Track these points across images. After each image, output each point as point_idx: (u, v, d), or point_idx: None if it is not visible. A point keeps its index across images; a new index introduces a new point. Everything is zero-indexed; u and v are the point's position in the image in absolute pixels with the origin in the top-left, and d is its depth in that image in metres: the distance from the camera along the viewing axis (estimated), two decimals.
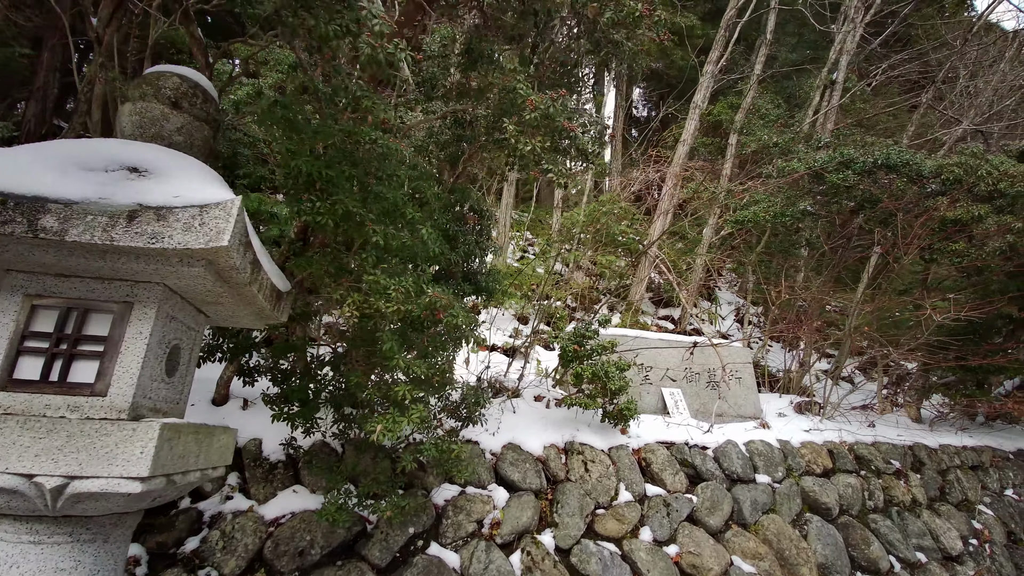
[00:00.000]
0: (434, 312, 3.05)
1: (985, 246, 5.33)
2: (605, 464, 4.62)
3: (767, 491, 4.88)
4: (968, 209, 5.30)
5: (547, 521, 4.22)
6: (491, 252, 4.88)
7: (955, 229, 5.51)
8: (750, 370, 6.89)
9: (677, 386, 6.35)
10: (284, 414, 3.09)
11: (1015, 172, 5.22)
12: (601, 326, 5.05)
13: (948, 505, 5.58)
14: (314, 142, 2.38)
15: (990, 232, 5.28)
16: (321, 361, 3.53)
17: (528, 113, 2.45)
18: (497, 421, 4.80)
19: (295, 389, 3.23)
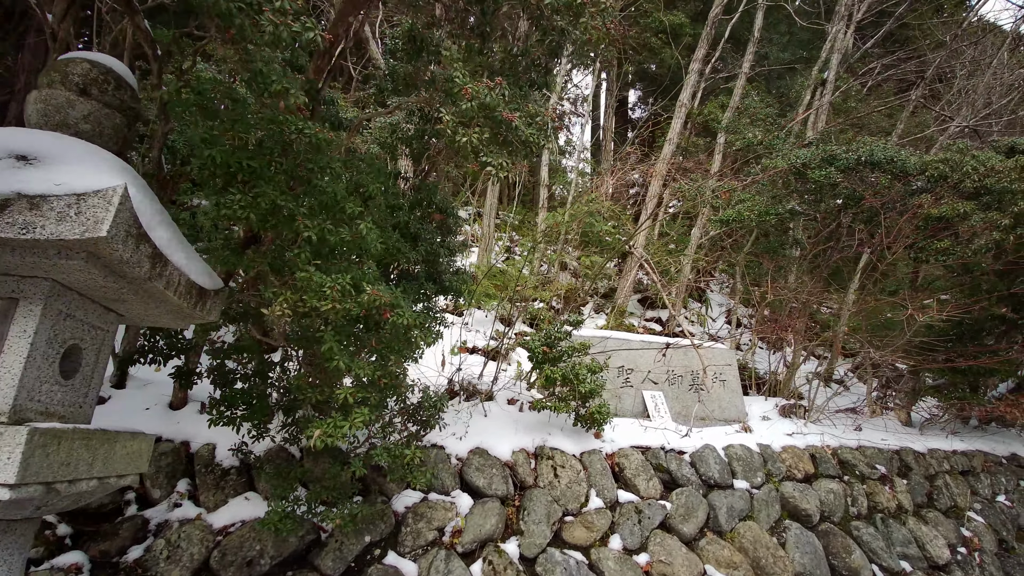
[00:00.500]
0: (380, 311, 2.93)
1: (971, 244, 5.17)
2: (576, 469, 4.48)
3: (745, 497, 4.72)
4: (953, 206, 5.15)
5: (513, 529, 4.08)
6: (459, 251, 4.75)
7: (940, 227, 5.36)
8: (734, 372, 6.73)
9: (659, 389, 6.21)
10: (222, 418, 2.95)
11: (1001, 167, 5.06)
12: (573, 327, 4.90)
13: (936, 512, 5.41)
14: (236, 131, 2.25)
15: (976, 229, 5.12)
16: (269, 363, 3.41)
17: (464, 102, 2.32)
18: (465, 425, 4.67)
19: (239, 392, 3.10)
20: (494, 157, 2.43)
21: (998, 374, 6.22)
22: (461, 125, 2.36)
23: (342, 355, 2.83)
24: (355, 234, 2.69)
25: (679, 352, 6.38)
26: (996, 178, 5.07)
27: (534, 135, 2.50)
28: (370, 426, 3.31)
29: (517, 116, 2.40)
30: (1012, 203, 4.98)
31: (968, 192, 5.35)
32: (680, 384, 6.33)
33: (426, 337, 3.04)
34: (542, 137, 2.54)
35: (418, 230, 4.14)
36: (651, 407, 5.96)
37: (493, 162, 2.43)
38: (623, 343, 5.91)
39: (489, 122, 2.37)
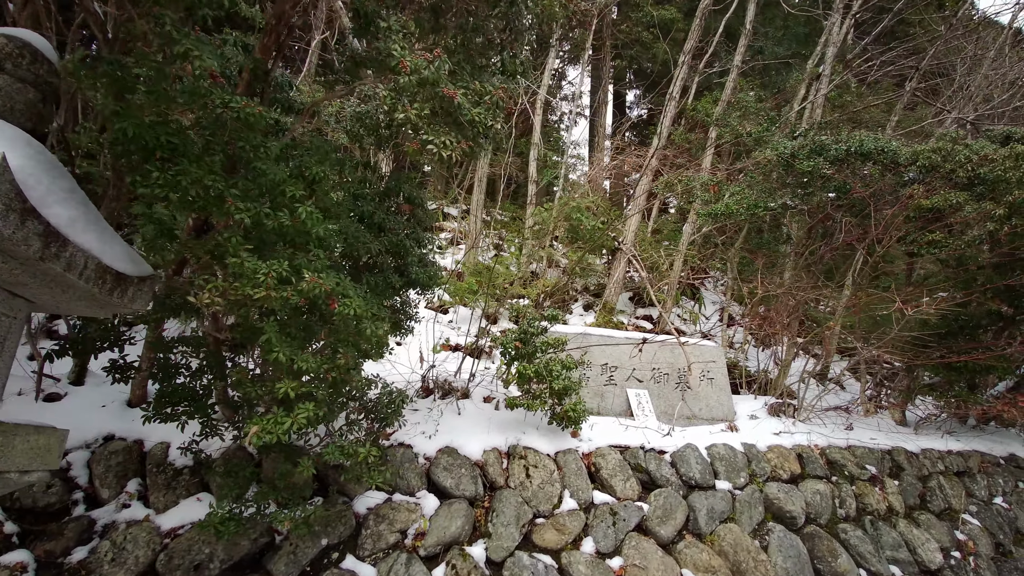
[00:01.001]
0: (327, 301, 2.78)
1: (964, 236, 4.97)
2: (549, 469, 4.31)
3: (726, 498, 4.55)
4: (945, 196, 4.95)
5: (481, 531, 3.92)
6: (431, 244, 4.59)
7: (932, 218, 5.16)
8: (723, 370, 6.55)
9: (644, 387, 6.03)
10: (158, 415, 2.81)
11: (995, 156, 4.87)
12: (549, 323, 4.74)
13: (928, 514, 5.20)
14: (156, 105, 2.10)
15: (969, 220, 4.92)
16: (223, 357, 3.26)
17: (403, 76, 2.17)
18: (436, 423, 4.52)
19: (180, 388, 2.95)
20: (436, 135, 2.27)
21: (995, 371, 6.02)
22: (399, 102, 2.21)
23: (283, 347, 2.68)
24: (295, 219, 2.54)
25: (665, 349, 6.21)
26: (990, 167, 4.88)
27: (481, 115, 2.34)
28: (323, 423, 3.15)
29: (460, 93, 2.24)
30: (1006, 192, 4.79)
31: (961, 183, 5.15)
32: (666, 382, 6.15)
33: (377, 329, 2.88)
34: (490, 117, 2.38)
35: (383, 220, 4.00)
36: (635, 406, 5.79)
37: (435, 140, 2.28)
38: (606, 339, 5.74)
39: (431, 98, 2.21)
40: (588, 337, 5.53)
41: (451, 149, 2.28)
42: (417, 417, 4.66)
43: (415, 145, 2.31)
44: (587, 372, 5.77)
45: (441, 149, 2.26)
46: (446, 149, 2.27)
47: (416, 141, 2.29)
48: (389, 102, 2.24)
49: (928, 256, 6.75)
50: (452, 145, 2.28)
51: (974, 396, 6.11)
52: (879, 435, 5.96)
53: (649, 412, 5.79)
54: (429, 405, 4.92)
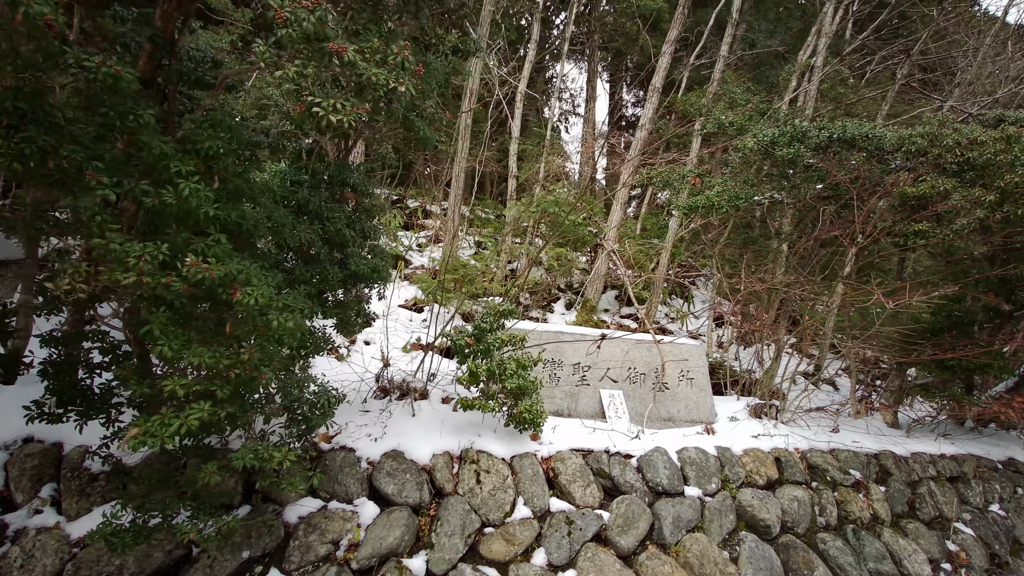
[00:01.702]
0: (228, 290, 2.52)
1: (952, 224, 4.64)
2: (502, 475, 4.03)
3: (695, 506, 4.24)
4: (932, 183, 4.63)
5: (424, 542, 3.64)
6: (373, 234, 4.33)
7: (919, 207, 4.84)
8: (704, 370, 6.25)
9: (619, 388, 5.74)
10: (41, 415, 2.55)
11: (985, 138, 4.55)
12: (504, 318, 4.46)
13: (917, 523, 4.87)
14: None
15: (958, 208, 4.60)
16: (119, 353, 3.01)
17: (281, 29, 1.92)
18: (383, 425, 4.25)
19: (67, 386, 2.70)
20: (326, 98, 2.01)
21: (991, 370, 5.67)
22: (279, 58, 1.95)
23: (169, 340, 2.43)
24: (179, 197, 2.28)
25: (642, 348, 5.92)
26: (979, 151, 4.56)
27: (382, 76, 2.08)
28: (231, 425, 2.89)
29: (352, 50, 1.98)
30: (997, 177, 4.46)
31: (950, 168, 4.83)
32: (643, 382, 5.86)
33: (285, 321, 2.62)
34: (394, 79, 2.12)
35: (320, 208, 3.75)
36: (608, 407, 5.51)
37: (322, 103, 2.01)
38: (563, 336, 5.44)
39: (316, 55, 1.96)
40: (544, 334, 5.23)
41: (343, 114, 2.01)
42: (367, 419, 4.39)
43: (300, 108, 2.04)
44: (558, 372, 5.50)
45: (330, 113, 2.00)
46: (336, 113, 2.01)
47: (300, 104, 2.03)
48: (265, 59, 1.98)
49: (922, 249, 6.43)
50: (344, 109, 2.01)
51: (969, 397, 5.77)
52: (867, 438, 5.63)
53: (623, 414, 5.50)
54: (383, 406, 4.66)
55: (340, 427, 4.10)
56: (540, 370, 5.41)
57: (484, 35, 8.38)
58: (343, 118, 2.02)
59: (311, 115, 2.00)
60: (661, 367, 5.63)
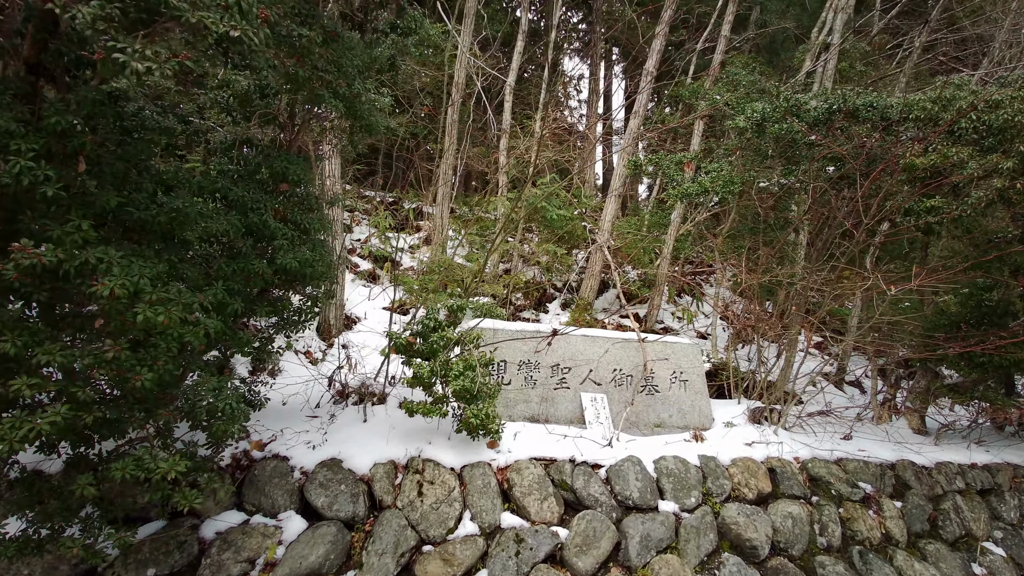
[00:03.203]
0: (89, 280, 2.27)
1: (968, 197, 4.00)
2: (448, 487, 3.66)
3: (669, 523, 3.76)
4: (944, 153, 4.02)
5: (355, 561, 3.30)
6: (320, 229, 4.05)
7: (931, 181, 4.22)
8: (700, 371, 5.73)
9: (602, 390, 5.31)
10: None
11: (1003, 97, 3.91)
12: (454, 314, 4.10)
13: (939, 544, 4.22)
14: None
15: (974, 179, 3.97)
16: None
17: None
18: (323, 432, 3.95)
19: None
20: (131, 43, 1.71)
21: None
22: None
23: (13, 334, 2.18)
24: (12, 176, 2.03)
25: (630, 348, 5.46)
26: (998, 113, 3.93)
27: (207, 18, 1.76)
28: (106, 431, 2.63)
29: None
30: (1018, 140, 3.82)
31: (966, 136, 4.21)
32: (629, 385, 5.40)
33: (155, 315, 2.34)
34: (227, 20, 1.80)
35: (241, 198, 3.49)
36: (589, 412, 5.08)
37: (127, 48, 1.71)
38: (518, 334, 5.01)
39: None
40: (499, 332, 4.84)
41: (153, 62, 1.72)
42: (312, 425, 4.11)
43: (99, 55, 1.75)
44: (534, 374, 5.10)
45: (136, 60, 1.70)
46: (146, 61, 1.71)
47: (100, 52, 1.75)
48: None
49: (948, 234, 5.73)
50: (155, 56, 1.72)
51: (1006, 398, 5.05)
52: (883, 446, 4.99)
53: (605, 419, 5.06)
54: (333, 411, 4.37)
55: (275, 433, 3.83)
56: (515, 372, 5.04)
57: (469, 27, 8.11)
58: (153, 66, 1.72)
59: (112, 63, 1.71)
60: (644, 367, 5.15)
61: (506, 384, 4.96)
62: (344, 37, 3.19)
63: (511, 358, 5.03)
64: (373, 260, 8.54)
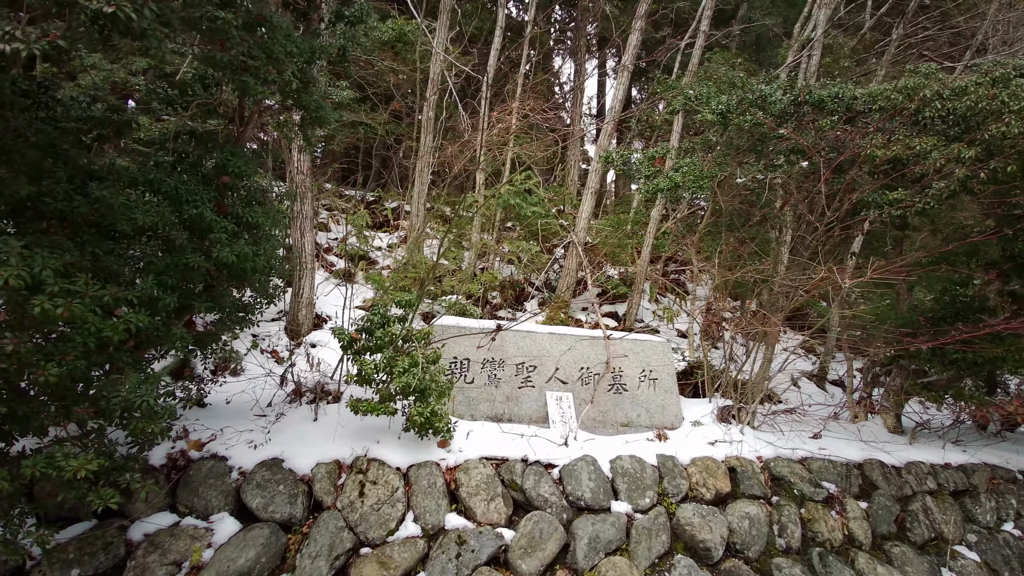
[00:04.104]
0: None
1: (929, 188, 3.87)
2: (392, 487, 3.55)
3: (620, 524, 3.65)
4: (907, 143, 3.90)
5: (289, 564, 3.20)
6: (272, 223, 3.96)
7: (895, 172, 4.10)
8: (670, 370, 5.62)
9: (569, 389, 5.20)
10: None
11: (966, 83, 3.78)
12: (401, 308, 4.00)
13: (905, 546, 4.08)
14: None
15: (939, 169, 3.84)
16: None
17: None
18: (266, 431, 3.85)
19: None
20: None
21: (1005, 364, 4.82)
22: None
23: None
24: None
25: (598, 346, 5.35)
26: (963, 100, 3.81)
27: None
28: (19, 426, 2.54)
29: None
30: (982, 128, 3.70)
31: (933, 126, 4.09)
32: (596, 384, 5.28)
33: (55, 308, 2.25)
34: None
35: (175, 190, 3.40)
36: (553, 411, 4.97)
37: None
38: (465, 330, 4.88)
39: None
40: (448, 328, 4.73)
41: (22, 42, 1.61)
42: (259, 424, 4.01)
43: None
44: (498, 372, 5.00)
45: (5, 41, 1.61)
46: (12, 42, 1.62)
47: None
48: None
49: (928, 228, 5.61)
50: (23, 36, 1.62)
51: (984, 395, 4.93)
52: (854, 445, 4.86)
53: (570, 418, 4.95)
54: (282, 410, 4.27)
55: (215, 433, 3.73)
56: (478, 371, 4.94)
57: (444, 24, 8.03)
58: (20, 47, 1.63)
59: None
60: (607, 364, 5.05)
61: (469, 383, 4.86)
62: (274, 22, 3.11)
63: (474, 356, 4.93)
64: (349, 259, 8.46)
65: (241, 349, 5.40)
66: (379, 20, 8.73)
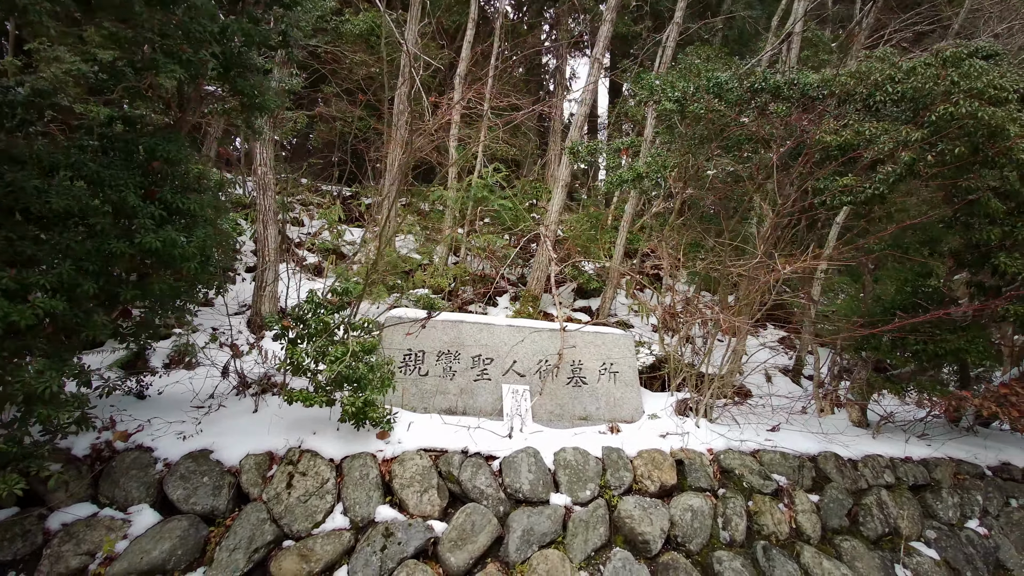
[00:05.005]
0: None
1: (876, 174, 3.76)
2: (322, 478, 3.48)
3: (557, 516, 3.56)
4: (857, 129, 3.80)
5: (208, 556, 3.12)
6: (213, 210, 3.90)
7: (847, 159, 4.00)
8: (631, 363, 5.53)
9: (526, 382, 5.12)
10: None
11: (916, 64, 3.67)
12: (339, 295, 3.92)
13: (856, 541, 3.98)
14: None
15: (889, 154, 3.72)
16: None
17: None
18: (197, 422, 3.78)
19: None
20: None
21: (968, 355, 4.71)
22: None
23: None
24: None
25: (558, 338, 5.26)
26: (911, 80, 3.70)
27: None
28: None
29: None
30: (930, 110, 3.59)
31: (887, 111, 3.98)
32: (556, 377, 5.20)
33: None
34: None
35: (98, 175, 3.33)
36: (508, 404, 4.89)
37: None
38: (411, 320, 4.77)
39: None
40: (389, 318, 4.66)
41: None
42: (196, 415, 3.94)
43: None
44: (453, 365, 4.93)
45: None
46: None
47: None
48: None
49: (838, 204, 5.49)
50: None
51: (941, 388, 4.83)
52: (812, 437, 4.76)
53: (525, 411, 4.87)
54: (224, 401, 4.20)
55: (142, 424, 3.66)
56: (433, 363, 4.87)
57: (415, 16, 7.97)
58: None
59: None
60: (559, 356, 4.96)
61: (423, 375, 4.79)
62: (193, 1, 3.04)
63: (429, 348, 4.86)
64: (322, 254, 8.40)
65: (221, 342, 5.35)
66: (351, 14, 8.68)
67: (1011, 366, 6.34)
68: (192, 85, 4.02)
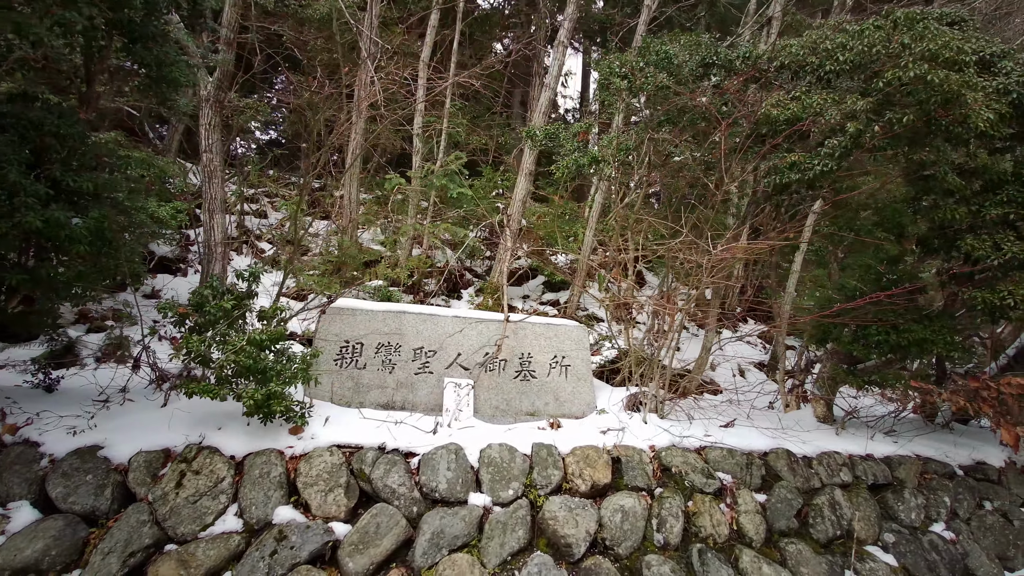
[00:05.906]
0: None
1: (821, 148, 3.48)
2: (216, 477, 3.23)
3: (472, 518, 3.30)
4: (803, 102, 3.51)
5: (86, 559, 2.88)
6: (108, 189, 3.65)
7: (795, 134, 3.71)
8: (584, 356, 5.26)
9: (471, 376, 4.86)
10: None
11: (864, 27, 3.37)
12: (245, 281, 3.67)
13: (804, 544, 3.69)
14: None
15: (838, 127, 3.44)
16: None
17: None
18: (96, 417, 3.54)
19: None
20: None
21: (934, 347, 4.42)
22: None
23: None
24: None
25: (515, 330, 5.00)
26: (860, 44, 3.41)
27: None
28: None
29: None
30: (878, 76, 3.29)
31: (838, 81, 3.69)
32: (503, 370, 4.95)
33: None
34: None
35: None
36: (449, 399, 4.64)
37: None
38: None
39: None
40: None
41: None
42: (94, 409, 3.70)
43: None
44: (393, 357, 4.68)
45: None
46: None
47: None
48: None
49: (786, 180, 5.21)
50: None
51: (904, 381, 4.54)
52: (767, 433, 4.48)
53: (467, 406, 4.62)
54: (134, 396, 3.96)
55: (31, 417, 3.42)
56: (371, 356, 4.63)
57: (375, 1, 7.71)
58: None
59: None
60: (497, 348, 4.70)
61: (360, 368, 4.55)
62: None
63: (368, 340, 4.62)
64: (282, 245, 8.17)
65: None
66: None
67: (990, 360, 6.05)
68: (94, 58, 3.78)
